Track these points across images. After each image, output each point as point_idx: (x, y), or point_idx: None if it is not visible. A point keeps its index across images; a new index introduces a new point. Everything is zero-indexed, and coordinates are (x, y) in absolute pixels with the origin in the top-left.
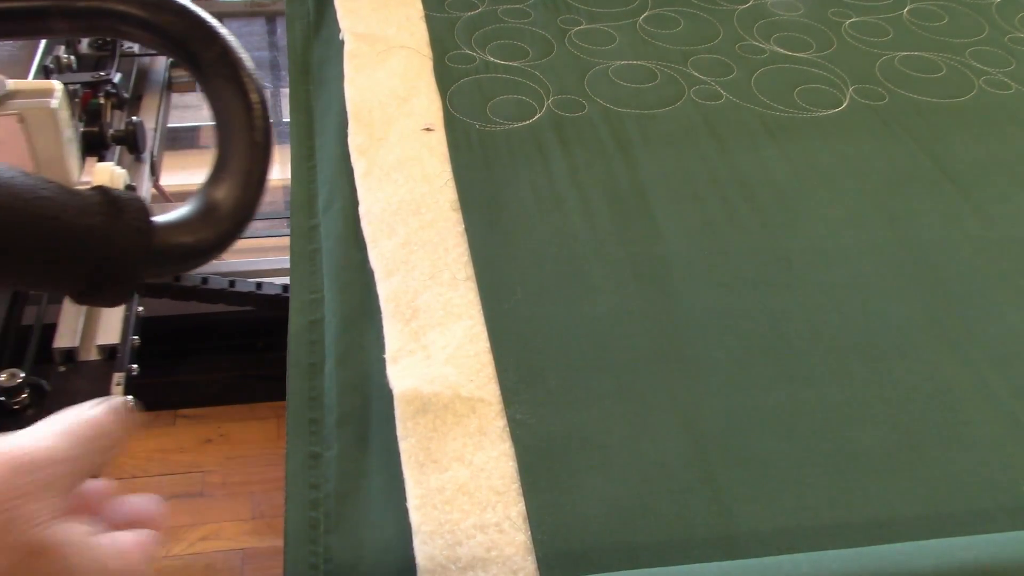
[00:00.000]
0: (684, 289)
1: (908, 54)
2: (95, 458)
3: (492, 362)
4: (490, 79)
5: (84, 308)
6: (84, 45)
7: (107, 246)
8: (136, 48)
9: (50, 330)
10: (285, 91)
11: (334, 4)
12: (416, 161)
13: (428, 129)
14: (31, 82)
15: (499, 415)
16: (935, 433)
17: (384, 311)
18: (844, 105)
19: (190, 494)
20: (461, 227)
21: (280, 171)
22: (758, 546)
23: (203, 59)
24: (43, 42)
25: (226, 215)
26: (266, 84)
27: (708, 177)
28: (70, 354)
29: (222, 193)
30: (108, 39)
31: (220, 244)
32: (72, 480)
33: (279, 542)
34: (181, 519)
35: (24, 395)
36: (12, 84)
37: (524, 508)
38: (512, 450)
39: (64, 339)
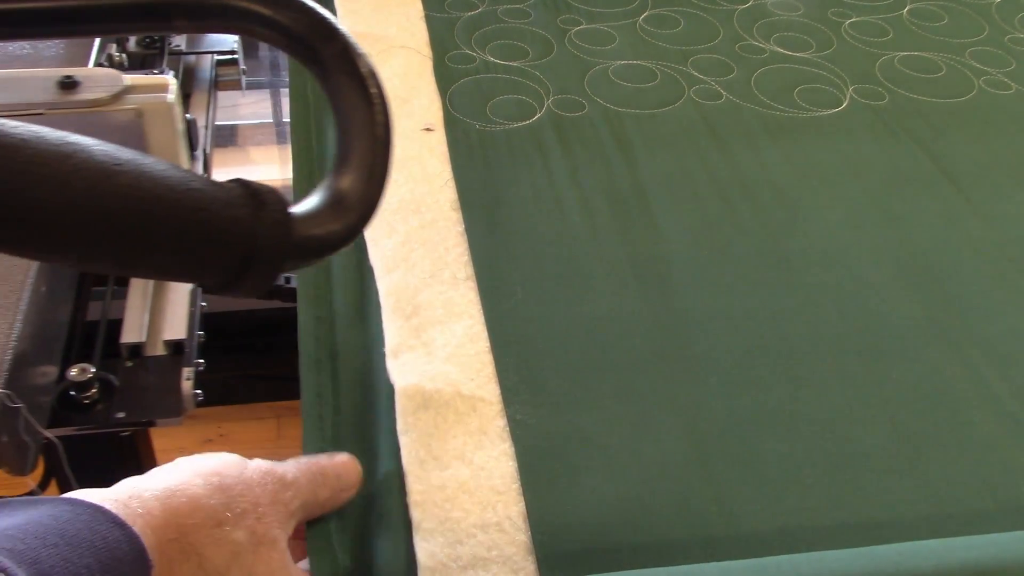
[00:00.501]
0: (684, 289)
1: (908, 54)
2: (323, 496)
3: (492, 362)
4: (490, 79)
5: (148, 303)
6: (132, 43)
7: (252, 238)
8: (183, 46)
9: (114, 325)
10: (285, 91)
11: (334, 4)
12: (416, 161)
13: (428, 129)
14: (147, 77)
15: (499, 414)
16: (935, 433)
17: (384, 306)
18: (844, 105)
19: None
20: (461, 227)
21: (280, 171)
22: (758, 546)
23: (324, 56)
24: (98, 40)
25: (353, 208)
26: (266, 83)
27: (708, 177)
28: (137, 349)
29: (348, 187)
30: (156, 37)
31: (349, 236)
32: (302, 510)
33: None
34: None
35: (94, 390)
36: (129, 79)
37: (524, 508)
38: (512, 450)
39: (131, 334)
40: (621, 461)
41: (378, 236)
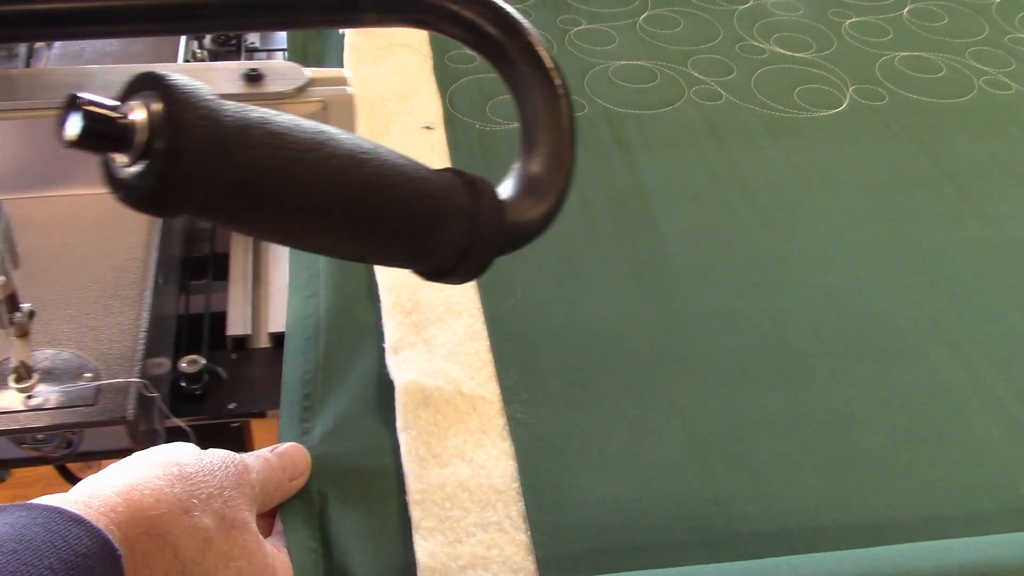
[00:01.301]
0: (684, 289)
1: (908, 54)
2: (280, 481)
3: (492, 361)
4: (490, 79)
5: (249, 297)
6: (208, 41)
7: (473, 225)
8: (258, 43)
9: (218, 318)
10: None
11: None
12: (416, 158)
13: (428, 128)
14: (325, 71)
15: (499, 414)
16: (935, 434)
17: (383, 301)
18: (844, 105)
19: None
20: None
21: None
22: (758, 547)
23: (509, 50)
24: (183, 38)
25: (549, 195)
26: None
27: (708, 177)
28: (242, 342)
29: (541, 175)
30: (233, 35)
31: (548, 223)
32: (265, 493)
33: None
34: None
35: (204, 381)
36: (311, 73)
37: (524, 507)
38: (512, 449)
39: (236, 327)
40: (621, 461)
41: None
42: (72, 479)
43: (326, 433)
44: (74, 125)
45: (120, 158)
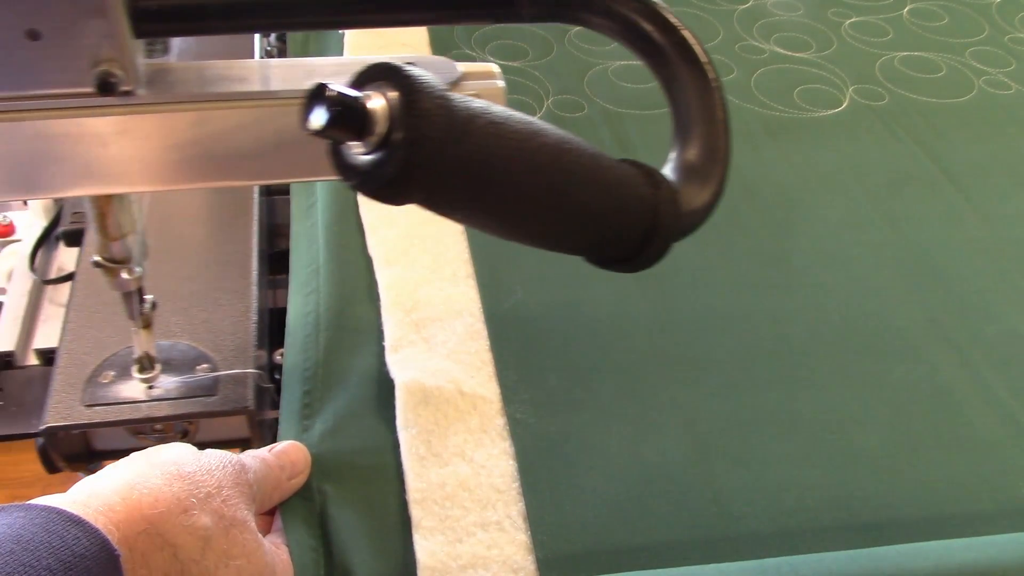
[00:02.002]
0: (684, 289)
1: (908, 54)
2: (278, 480)
3: (492, 360)
4: None
5: None
6: (272, 37)
7: (655, 215)
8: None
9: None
10: None
11: None
12: None
13: None
14: (477, 64)
15: (499, 413)
16: (935, 434)
17: (384, 299)
18: (844, 105)
19: None
20: (461, 225)
21: None
22: (758, 547)
23: (662, 45)
24: (257, 36)
25: (710, 183)
26: None
27: None
28: None
29: (699, 165)
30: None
31: (712, 210)
32: (263, 492)
33: None
34: None
35: None
36: (462, 67)
37: (524, 507)
38: (512, 449)
39: None
40: (621, 461)
41: (377, 225)
42: None
43: (326, 431)
44: (320, 114)
45: (355, 146)
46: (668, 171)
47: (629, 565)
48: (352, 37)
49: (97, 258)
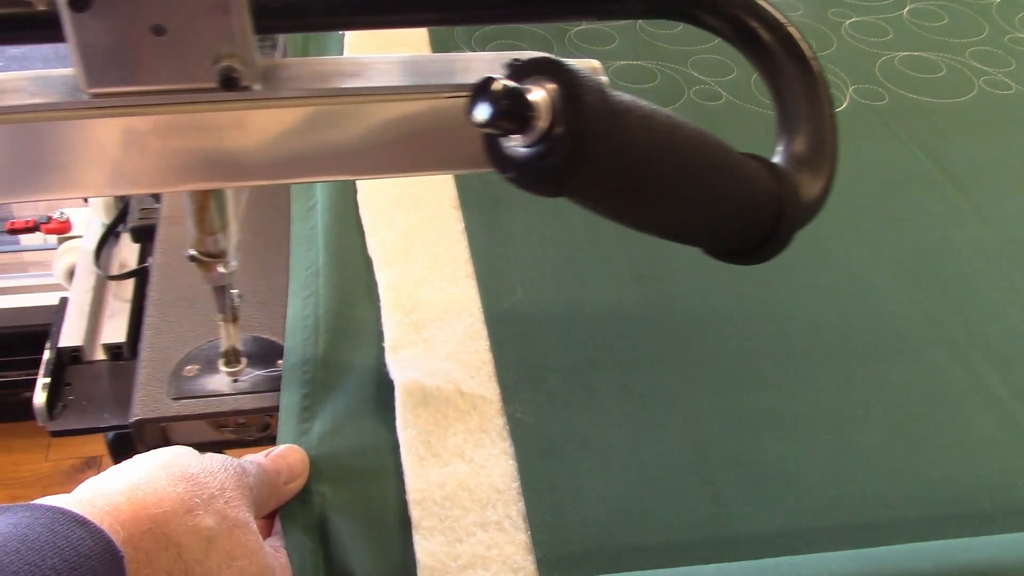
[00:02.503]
0: (684, 289)
1: (908, 54)
2: (276, 485)
3: (492, 360)
4: None
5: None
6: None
7: (779, 209)
8: None
9: None
10: None
11: None
12: None
13: None
14: (579, 60)
15: (499, 413)
16: (935, 434)
17: (383, 300)
18: (844, 105)
19: None
20: (461, 225)
21: None
22: (758, 548)
23: (769, 42)
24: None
25: (822, 175)
26: None
27: None
28: None
29: (810, 157)
30: None
31: (824, 202)
32: (260, 497)
33: None
34: None
35: None
36: (567, 63)
37: (524, 507)
38: (512, 448)
39: None
40: (620, 461)
41: (377, 227)
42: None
43: (325, 433)
44: (484, 108)
45: (514, 139)
46: (780, 164)
47: (629, 565)
48: (352, 37)
49: (193, 252)
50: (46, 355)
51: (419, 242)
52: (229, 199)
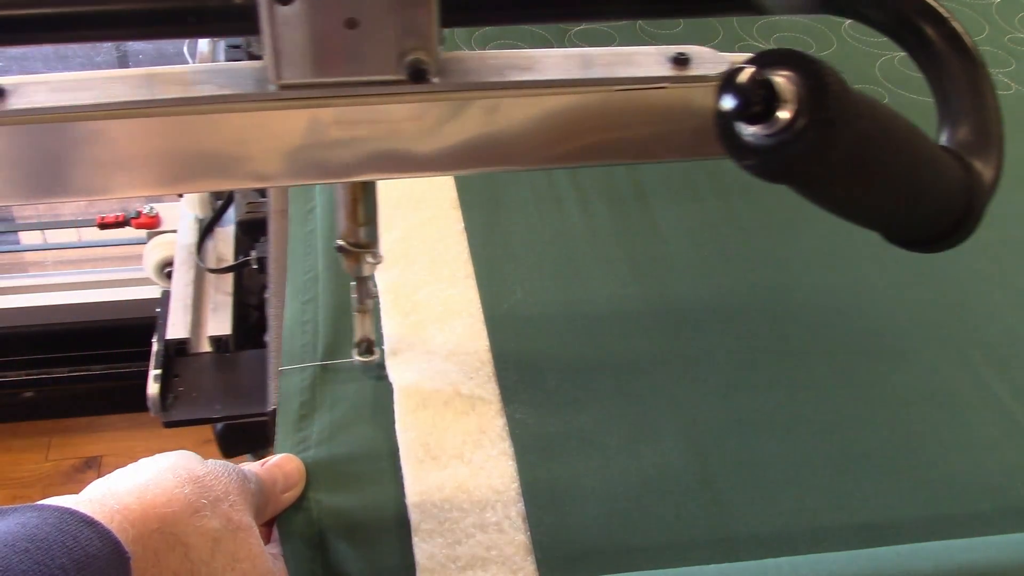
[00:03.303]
0: (684, 290)
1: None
2: (274, 493)
3: (492, 360)
4: None
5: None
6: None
7: (969, 196)
8: None
9: None
10: None
11: None
12: None
13: None
14: (737, 55)
15: (499, 414)
16: (934, 435)
17: (383, 303)
18: None
19: None
20: (461, 225)
21: None
22: (757, 548)
23: (931, 36)
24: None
25: (991, 165)
26: None
27: (708, 177)
28: None
29: (979, 147)
30: None
31: (995, 191)
32: (260, 506)
33: None
34: None
35: None
36: (729, 56)
37: (523, 508)
38: (511, 449)
39: None
40: (620, 461)
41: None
42: None
43: (323, 438)
44: (731, 97)
45: (752, 128)
46: (951, 157)
47: (629, 565)
48: None
49: (341, 243)
50: (154, 347)
51: (419, 243)
52: (378, 191)
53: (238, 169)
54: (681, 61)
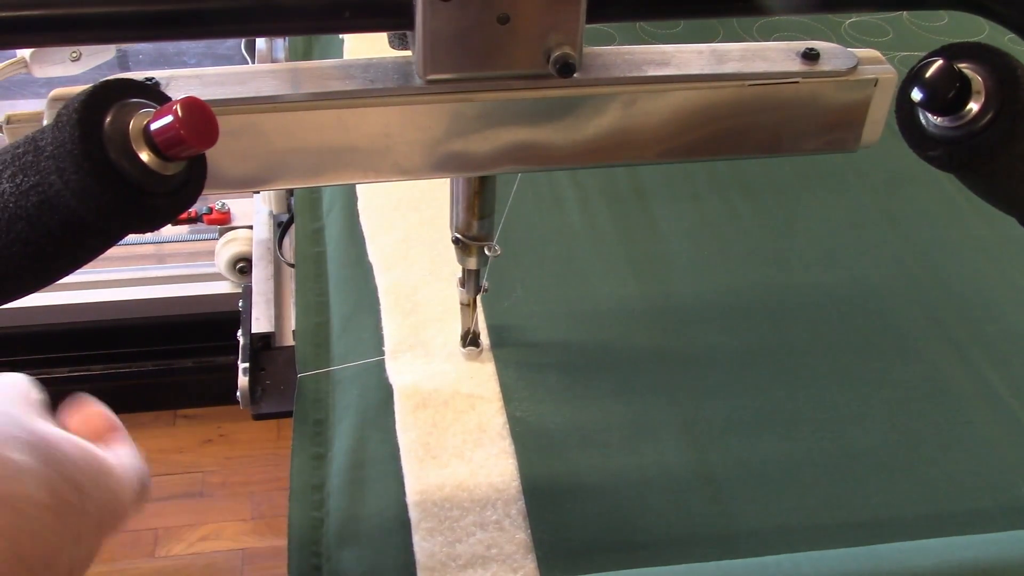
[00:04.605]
0: (684, 289)
1: (908, 54)
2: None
3: (492, 359)
4: None
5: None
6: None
7: None
8: None
9: None
10: None
11: None
12: None
13: None
14: (865, 51)
15: (499, 412)
16: (934, 433)
17: (383, 304)
18: None
19: (190, 494)
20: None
21: None
22: (758, 545)
23: None
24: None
25: None
26: None
27: (708, 177)
28: None
29: None
30: None
31: None
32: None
33: (279, 542)
34: (181, 519)
35: None
36: (856, 52)
37: (524, 506)
38: (512, 447)
39: None
40: (620, 459)
41: (376, 233)
42: None
43: (333, 438)
44: (921, 89)
45: (939, 119)
46: None
47: (628, 563)
48: (351, 41)
49: (458, 235)
50: (241, 341)
51: (418, 244)
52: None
53: (381, 163)
54: (811, 56)
